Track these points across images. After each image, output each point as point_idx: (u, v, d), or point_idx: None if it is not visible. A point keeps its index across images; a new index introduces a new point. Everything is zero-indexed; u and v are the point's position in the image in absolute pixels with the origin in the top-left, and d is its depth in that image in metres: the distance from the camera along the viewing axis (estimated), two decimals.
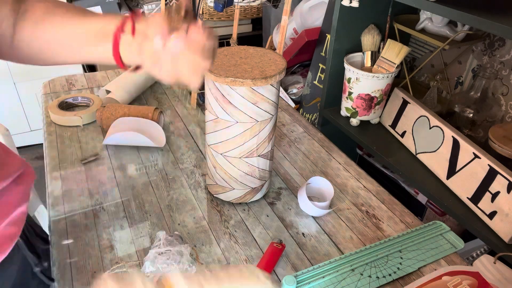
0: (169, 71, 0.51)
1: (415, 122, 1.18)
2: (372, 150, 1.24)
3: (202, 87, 0.71)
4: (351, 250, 0.74)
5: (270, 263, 0.68)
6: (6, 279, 0.58)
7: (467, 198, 1.01)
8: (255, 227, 0.78)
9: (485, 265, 0.69)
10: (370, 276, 0.67)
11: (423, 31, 1.23)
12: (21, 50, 0.54)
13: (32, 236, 0.66)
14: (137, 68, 0.54)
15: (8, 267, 0.57)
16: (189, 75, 0.51)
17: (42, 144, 1.01)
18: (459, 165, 1.03)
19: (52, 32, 0.53)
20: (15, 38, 0.53)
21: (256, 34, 2.56)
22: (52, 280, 0.65)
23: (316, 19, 1.69)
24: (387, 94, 1.27)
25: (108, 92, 1.15)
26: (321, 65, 1.61)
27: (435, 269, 0.70)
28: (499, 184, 0.92)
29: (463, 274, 0.68)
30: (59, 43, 0.53)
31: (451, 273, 0.68)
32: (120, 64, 0.53)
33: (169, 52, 0.49)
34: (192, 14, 0.50)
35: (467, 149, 1.01)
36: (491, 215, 0.94)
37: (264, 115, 0.72)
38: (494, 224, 0.94)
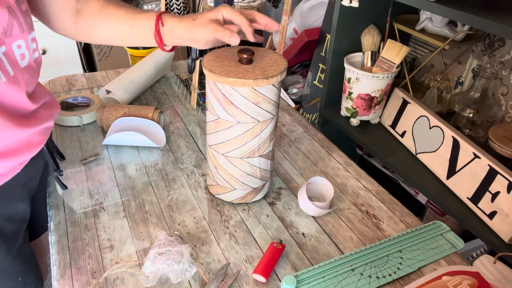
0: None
1: (415, 122, 1.18)
2: (372, 150, 1.24)
3: (203, 87, 0.71)
4: (351, 250, 0.74)
5: (270, 263, 0.68)
6: (36, 170, 0.77)
7: (467, 198, 1.01)
8: (255, 227, 0.78)
9: (485, 265, 0.69)
10: (370, 276, 0.68)
11: (423, 31, 1.23)
12: (82, 33, 0.76)
13: (53, 150, 0.82)
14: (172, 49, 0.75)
15: (36, 163, 0.75)
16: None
17: None
18: (459, 165, 1.03)
19: (108, 27, 0.73)
20: (78, 20, 0.74)
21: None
22: (66, 187, 0.83)
23: (316, 19, 1.69)
24: (387, 94, 1.27)
25: (108, 92, 1.15)
26: (321, 65, 1.61)
27: (435, 269, 0.70)
28: (499, 184, 0.92)
29: (463, 274, 0.68)
30: (113, 36, 0.75)
31: (451, 273, 0.68)
32: (162, 47, 0.73)
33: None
34: None
35: (467, 149, 1.01)
36: (491, 215, 0.94)
37: (265, 115, 0.72)
38: (494, 224, 0.94)
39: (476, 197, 0.98)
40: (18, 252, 0.73)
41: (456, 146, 1.04)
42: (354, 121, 1.32)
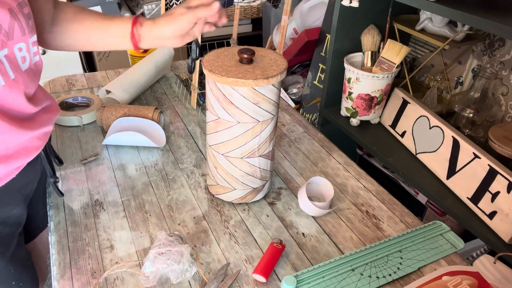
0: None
1: (415, 122, 1.18)
2: (372, 150, 1.24)
3: (203, 87, 0.71)
4: (351, 250, 0.74)
5: (270, 263, 0.68)
6: (33, 174, 0.78)
7: (467, 198, 1.01)
8: (255, 227, 0.78)
9: (485, 265, 0.69)
10: (370, 276, 0.68)
11: (423, 31, 1.23)
12: (57, 40, 0.75)
13: (51, 154, 0.82)
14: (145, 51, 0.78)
15: (33, 168, 0.76)
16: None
17: None
18: (459, 165, 1.03)
19: (83, 32, 0.74)
20: (52, 29, 0.74)
21: (256, 34, 2.56)
22: (62, 194, 0.83)
23: (316, 19, 1.69)
24: (387, 94, 1.27)
25: (108, 92, 1.15)
26: (321, 65, 1.61)
27: (435, 269, 0.70)
28: (499, 184, 0.92)
29: (463, 274, 0.68)
30: (87, 40, 0.75)
31: (451, 273, 0.68)
32: (136, 49, 0.75)
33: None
34: None
35: (467, 149, 1.01)
36: (491, 215, 0.94)
37: (265, 115, 0.72)
38: (494, 224, 0.94)
39: (476, 197, 0.98)
40: (12, 256, 0.72)
41: (456, 146, 1.04)
42: (354, 121, 1.32)
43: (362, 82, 1.21)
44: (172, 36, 0.70)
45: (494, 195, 0.93)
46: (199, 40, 1.26)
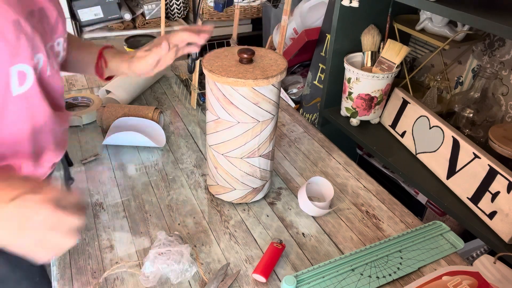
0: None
1: (415, 122, 1.18)
2: (372, 150, 1.24)
3: (203, 87, 0.71)
4: (351, 250, 0.74)
5: (270, 263, 0.68)
6: (61, 168, 0.82)
7: (467, 198, 1.01)
8: (255, 227, 0.78)
9: (485, 265, 0.69)
10: (370, 276, 0.67)
11: (423, 31, 1.23)
12: (68, 68, 0.80)
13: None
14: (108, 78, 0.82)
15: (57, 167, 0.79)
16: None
17: None
18: (459, 165, 1.03)
19: (80, 61, 0.80)
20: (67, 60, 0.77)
21: (256, 34, 2.56)
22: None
23: (316, 19, 1.69)
24: (387, 94, 1.27)
25: (108, 92, 1.15)
26: (321, 65, 1.61)
27: (435, 269, 0.70)
28: (499, 184, 0.92)
29: (463, 274, 0.68)
30: (84, 67, 0.81)
31: (451, 273, 0.68)
32: (103, 80, 0.81)
33: None
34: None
35: (467, 149, 1.01)
36: (491, 215, 0.94)
37: (265, 115, 0.72)
38: (494, 224, 0.94)
39: (476, 197, 0.98)
40: None
41: (456, 146, 1.04)
42: (354, 121, 1.32)
43: (362, 82, 1.21)
44: (137, 74, 0.76)
45: (494, 195, 0.93)
46: None
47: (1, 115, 0.54)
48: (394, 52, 1.18)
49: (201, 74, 1.19)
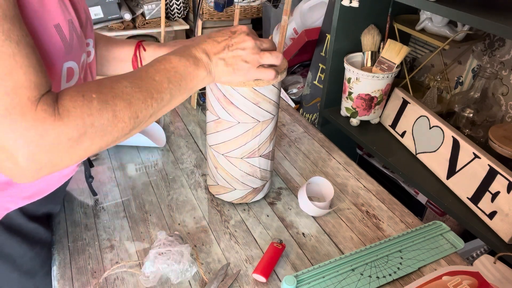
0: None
1: (415, 122, 1.18)
2: (372, 150, 1.24)
3: (203, 87, 0.71)
4: (351, 250, 0.74)
5: (270, 263, 0.68)
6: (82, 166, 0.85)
7: (467, 198, 1.01)
8: (255, 227, 0.78)
9: (485, 265, 0.69)
10: (370, 276, 0.68)
11: (423, 31, 1.23)
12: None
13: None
14: None
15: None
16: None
17: None
18: (459, 165, 1.03)
19: (115, 58, 0.79)
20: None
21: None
22: (96, 194, 0.84)
23: (316, 19, 1.70)
24: (387, 94, 1.27)
25: None
26: (321, 65, 1.61)
27: (435, 269, 0.70)
28: (499, 184, 0.92)
29: (463, 274, 0.68)
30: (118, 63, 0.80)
31: (451, 273, 0.68)
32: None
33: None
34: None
35: (467, 149, 1.01)
36: (491, 215, 0.94)
37: (265, 115, 0.72)
38: (494, 224, 0.94)
39: (476, 197, 0.98)
40: (49, 247, 0.74)
41: (456, 146, 1.04)
42: (354, 121, 1.32)
43: (362, 82, 1.21)
44: None
45: (494, 195, 0.93)
46: None
47: None
48: (394, 52, 1.19)
49: None
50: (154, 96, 0.53)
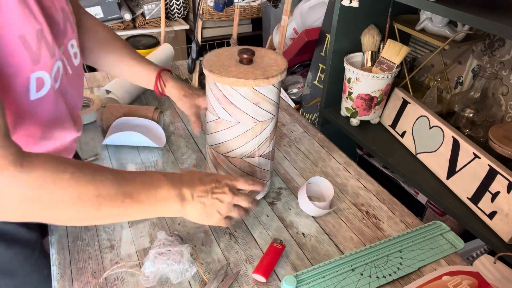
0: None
1: (415, 122, 1.18)
2: (372, 150, 1.24)
3: (203, 87, 0.71)
4: (351, 250, 0.74)
5: (270, 263, 0.68)
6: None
7: (467, 198, 1.01)
8: (255, 227, 0.78)
9: (485, 265, 0.69)
10: (370, 276, 0.68)
11: (423, 31, 1.23)
12: (88, 60, 0.86)
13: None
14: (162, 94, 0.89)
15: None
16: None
17: None
18: (459, 165, 1.03)
19: (111, 60, 0.85)
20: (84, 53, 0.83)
21: (256, 34, 2.56)
22: None
23: (316, 19, 1.70)
24: (387, 94, 1.27)
25: (108, 92, 1.15)
26: (321, 65, 1.61)
27: (435, 269, 0.70)
28: (499, 184, 0.92)
29: (463, 274, 0.68)
30: (113, 68, 0.88)
31: (451, 273, 0.68)
32: (157, 92, 0.88)
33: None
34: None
35: (467, 149, 1.01)
36: (491, 215, 0.94)
37: (265, 115, 0.72)
38: (494, 224, 0.94)
39: (476, 197, 0.98)
40: (43, 245, 0.75)
41: (456, 146, 1.04)
42: (354, 121, 1.32)
43: (362, 82, 1.21)
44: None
45: (494, 195, 0.93)
46: (199, 40, 1.26)
47: (17, 116, 0.56)
48: (394, 52, 1.19)
49: (201, 74, 1.19)
50: (125, 201, 0.54)
